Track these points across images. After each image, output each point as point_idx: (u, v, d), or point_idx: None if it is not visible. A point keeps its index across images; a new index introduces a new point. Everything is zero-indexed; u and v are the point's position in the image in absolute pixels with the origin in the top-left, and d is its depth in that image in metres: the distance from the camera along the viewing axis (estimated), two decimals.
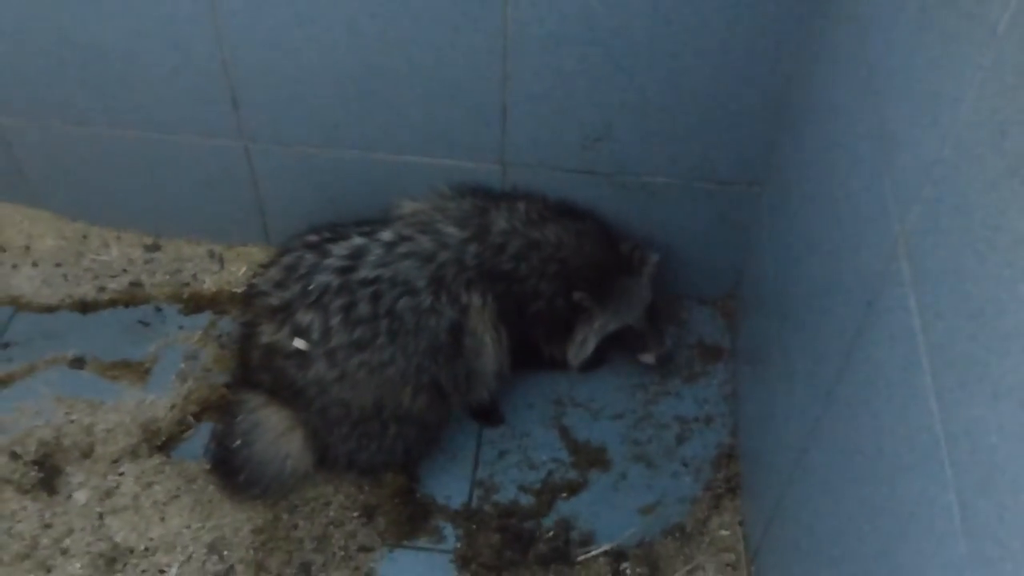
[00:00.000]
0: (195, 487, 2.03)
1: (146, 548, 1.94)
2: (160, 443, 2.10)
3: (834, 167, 1.50)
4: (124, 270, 2.43)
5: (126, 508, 1.99)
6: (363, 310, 1.87)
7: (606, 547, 1.96)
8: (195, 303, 2.37)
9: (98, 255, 2.45)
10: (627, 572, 1.93)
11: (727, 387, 2.23)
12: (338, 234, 1.98)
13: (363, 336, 1.86)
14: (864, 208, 1.31)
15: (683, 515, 2.02)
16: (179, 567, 1.92)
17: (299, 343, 1.88)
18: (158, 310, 2.35)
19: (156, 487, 2.03)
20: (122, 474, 2.04)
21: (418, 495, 2.04)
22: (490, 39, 1.87)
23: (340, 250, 1.93)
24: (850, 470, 1.30)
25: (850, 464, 1.30)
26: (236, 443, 1.96)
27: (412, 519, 1.99)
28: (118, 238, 2.47)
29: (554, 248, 1.99)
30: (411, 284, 1.89)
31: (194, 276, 2.42)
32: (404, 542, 1.97)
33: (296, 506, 2.01)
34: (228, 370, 2.20)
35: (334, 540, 1.96)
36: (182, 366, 2.23)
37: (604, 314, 2.05)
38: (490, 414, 2.15)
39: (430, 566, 1.94)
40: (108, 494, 2.01)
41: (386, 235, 1.95)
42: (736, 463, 2.09)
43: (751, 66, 1.85)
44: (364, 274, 1.89)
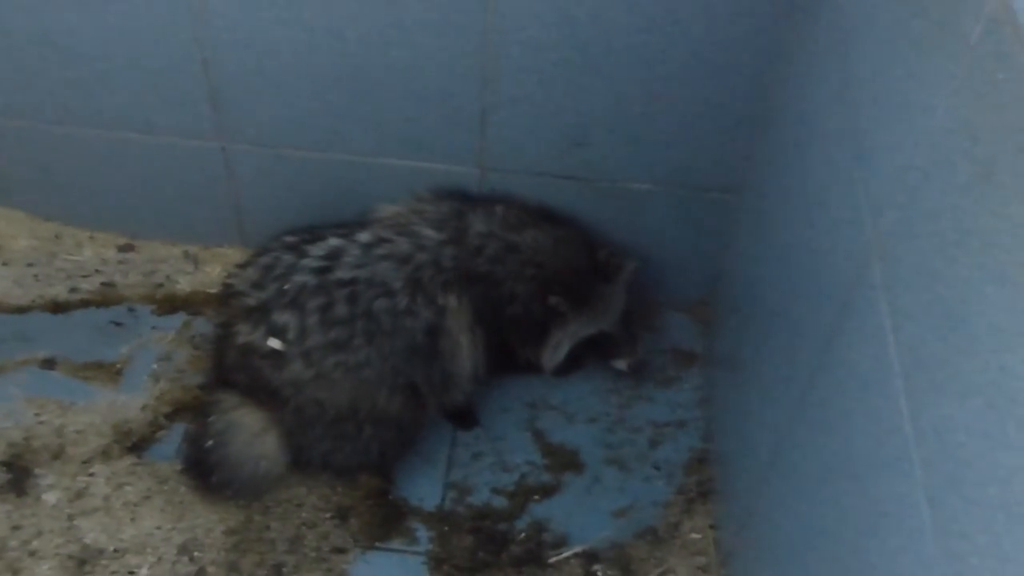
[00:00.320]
0: (167, 488, 2.01)
1: (116, 549, 1.93)
2: (132, 444, 2.08)
3: (809, 174, 1.53)
4: (97, 270, 2.41)
5: (96, 509, 1.98)
6: (340, 311, 1.87)
7: (579, 549, 1.97)
8: (169, 304, 2.35)
9: (71, 255, 2.43)
10: (599, 574, 1.94)
11: (700, 392, 2.25)
12: (315, 235, 1.98)
13: (339, 337, 1.87)
14: (838, 214, 1.34)
15: (655, 518, 2.03)
16: (150, 568, 1.90)
17: (275, 343, 1.88)
18: (131, 311, 2.33)
19: (127, 488, 2.01)
20: (93, 475, 2.03)
21: (392, 497, 2.04)
22: (471, 43, 1.88)
23: (317, 251, 1.93)
24: (822, 472, 1.32)
25: (822, 466, 1.32)
26: (209, 443, 1.95)
27: (385, 521, 1.99)
28: (92, 238, 2.45)
29: (531, 252, 2.01)
30: (388, 285, 1.90)
31: (168, 277, 2.40)
32: (377, 544, 1.97)
33: (269, 507, 2.00)
34: (202, 371, 2.19)
35: (307, 541, 1.96)
36: (155, 367, 2.22)
37: (579, 319, 2.06)
38: (465, 417, 2.16)
39: (403, 568, 1.93)
40: (78, 495, 2.00)
41: (363, 237, 1.95)
42: (708, 467, 2.11)
43: (729, 74, 1.87)
44: (341, 275, 1.89)
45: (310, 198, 2.24)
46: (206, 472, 1.96)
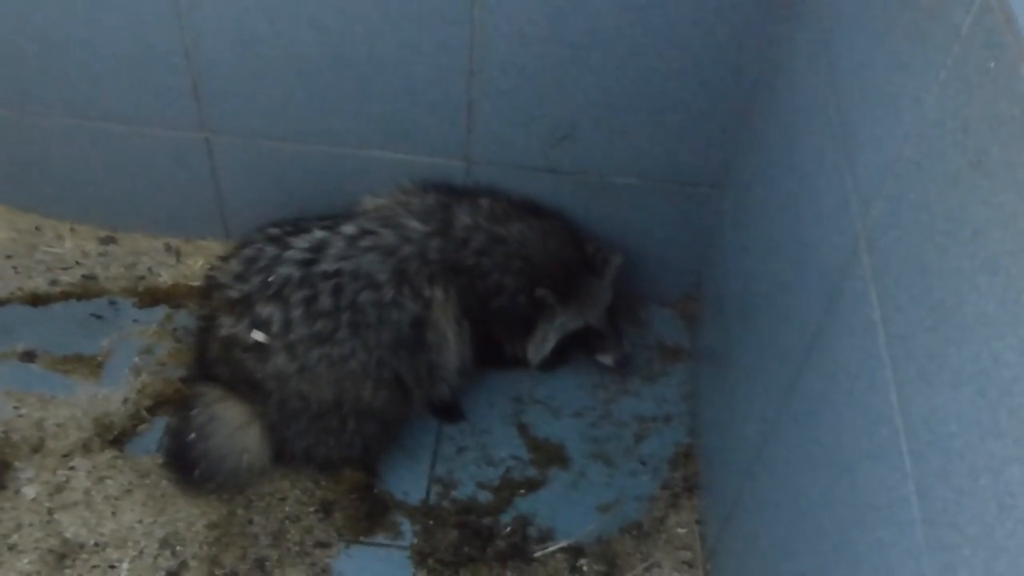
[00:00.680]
0: (148, 482, 2.00)
1: (96, 543, 1.91)
2: (113, 438, 2.06)
3: (796, 166, 1.52)
4: (78, 263, 2.38)
5: (77, 503, 1.96)
6: (324, 303, 1.85)
7: (564, 544, 1.97)
8: (151, 297, 2.33)
9: (51, 247, 2.40)
10: (584, 569, 1.94)
11: (686, 387, 2.25)
12: (299, 227, 1.96)
13: (324, 329, 1.85)
14: (826, 206, 1.34)
15: (641, 513, 2.03)
16: (131, 562, 1.88)
17: (258, 335, 1.86)
18: (112, 303, 2.31)
19: (108, 482, 1.99)
20: (73, 469, 2.00)
21: (376, 491, 2.03)
22: (457, 35, 1.87)
23: (301, 243, 1.92)
24: (809, 464, 1.32)
25: (809, 458, 1.32)
26: (191, 437, 1.93)
27: (369, 515, 1.98)
28: (72, 230, 2.42)
29: (518, 244, 2.00)
30: (373, 277, 1.88)
31: (150, 270, 2.38)
32: (361, 538, 1.96)
33: (252, 501, 1.98)
34: (184, 364, 2.17)
35: (290, 536, 1.94)
36: (136, 360, 2.20)
37: (565, 312, 2.05)
38: (451, 410, 2.15)
39: (387, 562, 1.92)
40: (58, 489, 1.97)
41: (348, 229, 1.94)
42: (694, 462, 2.10)
43: (715, 68, 1.87)
44: (326, 267, 1.88)
45: (294, 190, 2.22)
46: (188, 466, 1.94)
